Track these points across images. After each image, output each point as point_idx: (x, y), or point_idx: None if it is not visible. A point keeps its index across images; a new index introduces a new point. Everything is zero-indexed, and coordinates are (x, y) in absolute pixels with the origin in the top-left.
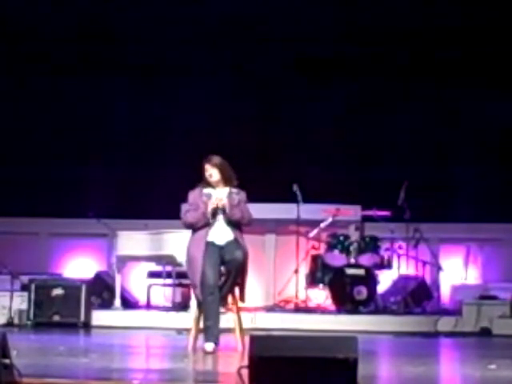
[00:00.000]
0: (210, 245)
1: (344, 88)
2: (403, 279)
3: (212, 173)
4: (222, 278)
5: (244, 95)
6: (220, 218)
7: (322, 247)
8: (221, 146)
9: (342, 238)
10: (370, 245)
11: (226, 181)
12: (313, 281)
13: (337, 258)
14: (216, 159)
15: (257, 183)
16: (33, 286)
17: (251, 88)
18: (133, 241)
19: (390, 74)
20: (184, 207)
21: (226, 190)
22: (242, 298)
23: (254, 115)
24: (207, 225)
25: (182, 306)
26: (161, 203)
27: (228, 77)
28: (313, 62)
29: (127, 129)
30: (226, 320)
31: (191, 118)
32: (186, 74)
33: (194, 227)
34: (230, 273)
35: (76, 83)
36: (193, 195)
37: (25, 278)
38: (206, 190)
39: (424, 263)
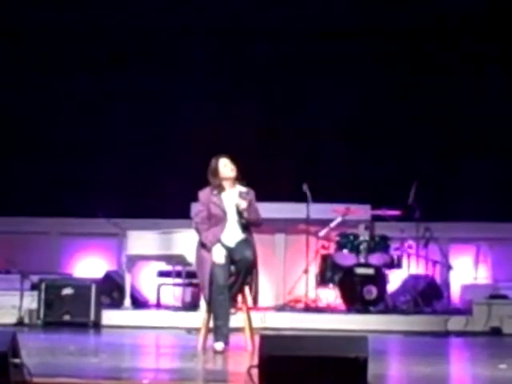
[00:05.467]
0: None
1: (355, 85)
2: (413, 279)
3: (233, 167)
4: (232, 278)
5: (252, 93)
6: (231, 218)
7: (332, 247)
8: (230, 144)
9: (351, 238)
10: (380, 244)
11: (237, 178)
12: (322, 280)
13: (346, 258)
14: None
15: (266, 182)
16: (43, 286)
17: (259, 85)
18: (143, 240)
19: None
20: (195, 207)
21: (235, 191)
22: (255, 302)
23: (263, 113)
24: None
25: (192, 305)
26: (170, 202)
27: (235, 73)
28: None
29: (137, 128)
30: (236, 319)
31: (200, 117)
32: (190, 73)
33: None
34: (239, 272)
35: (85, 81)
36: (203, 194)
37: (35, 278)
38: (216, 191)
39: (434, 262)
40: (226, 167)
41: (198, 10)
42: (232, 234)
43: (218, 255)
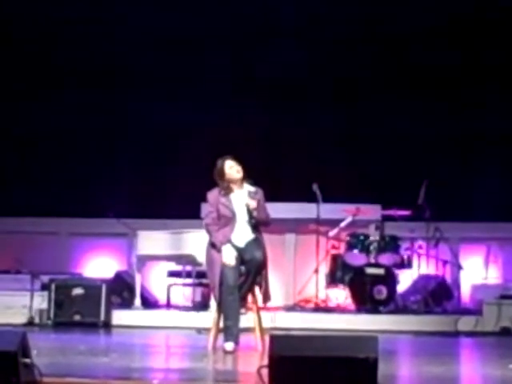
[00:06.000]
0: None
1: (365, 84)
2: (423, 279)
3: (239, 169)
4: (242, 278)
5: (262, 93)
6: (240, 218)
7: (342, 247)
8: (239, 144)
9: (361, 238)
10: (390, 244)
11: (244, 178)
12: (333, 280)
13: (357, 258)
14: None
15: (277, 183)
16: (53, 286)
17: (267, 84)
18: (153, 240)
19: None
20: (205, 208)
21: (244, 191)
22: (266, 299)
23: (272, 112)
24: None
25: (202, 305)
26: (180, 202)
27: (247, 73)
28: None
29: (145, 128)
30: (246, 319)
31: (210, 117)
32: (197, 71)
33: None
34: (249, 272)
35: (93, 81)
36: (212, 196)
37: (45, 278)
38: (224, 192)
39: (444, 262)
40: (231, 169)
41: (199, 13)
42: (242, 234)
43: (228, 256)
